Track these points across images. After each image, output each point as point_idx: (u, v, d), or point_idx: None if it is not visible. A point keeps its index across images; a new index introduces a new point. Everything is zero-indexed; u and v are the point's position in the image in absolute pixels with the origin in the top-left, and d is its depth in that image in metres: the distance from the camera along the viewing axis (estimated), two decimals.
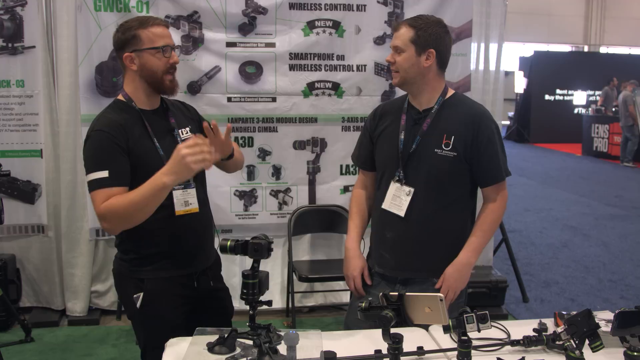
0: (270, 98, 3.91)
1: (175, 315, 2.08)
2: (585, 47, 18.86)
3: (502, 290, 4.14)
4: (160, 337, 1.94)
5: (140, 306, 2.05)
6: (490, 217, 2.17)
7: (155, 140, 2.02)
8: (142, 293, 2.04)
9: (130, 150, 1.96)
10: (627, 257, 5.68)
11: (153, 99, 2.08)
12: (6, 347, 3.35)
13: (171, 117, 2.12)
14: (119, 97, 2.09)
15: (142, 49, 1.98)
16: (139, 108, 2.04)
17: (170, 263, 2.06)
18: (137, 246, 2.06)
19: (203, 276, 2.15)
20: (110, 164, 1.91)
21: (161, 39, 1.99)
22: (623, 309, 1.66)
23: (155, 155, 1.99)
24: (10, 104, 3.72)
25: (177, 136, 2.08)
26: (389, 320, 1.58)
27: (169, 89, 2.04)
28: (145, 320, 2.10)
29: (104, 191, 1.89)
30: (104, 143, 1.94)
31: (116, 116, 2.01)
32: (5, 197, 3.62)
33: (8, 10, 3.64)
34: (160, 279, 2.05)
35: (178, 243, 2.06)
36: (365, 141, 2.33)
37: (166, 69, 2.01)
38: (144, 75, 2.01)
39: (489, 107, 2.37)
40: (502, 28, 4.23)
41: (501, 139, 2.21)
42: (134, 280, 2.06)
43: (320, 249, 4.12)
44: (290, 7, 3.84)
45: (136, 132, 2.00)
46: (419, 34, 2.07)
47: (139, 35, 1.98)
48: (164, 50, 1.99)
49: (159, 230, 2.02)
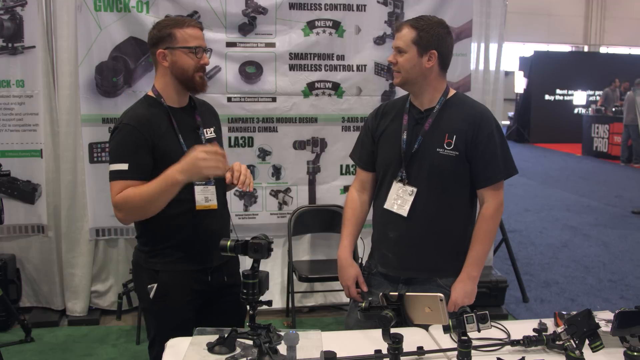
0: (270, 98, 3.91)
1: (186, 309, 2.13)
2: (585, 47, 18.86)
3: (502, 290, 4.14)
4: (169, 329, 2.03)
5: (153, 297, 2.11)
6: (485, 227, 2.15)
7: (180, 137, 2.09)
8: (156, 284, 2.10)
9: (154, 146, 2.03)
10: (627, 257, 5.68)
11: (182, 97, 2.15)
12: (6, 347, 3.35)
13: (198, 116, 2.19)
14: (149, 93, 2.16)
15: (176, 47, 2.06)
16: (167, 105, 2.11)
17: (186, 257, 2.12)
18: (155, 238, 2.12)
19: (218, 271, 2.17)
20: (131, 157, 2.00)
21: (195, 39, 2.07)
22: (623, 309, 1.66)
23: (179, 152, 2.04)
24: (10, 104, 3.73)
25: (201, 135, 2.15)
26: (389, 320, 1.58)
27: (199, 85, 2.11)
28: (157, 311, 2.15)
29: (122, 183, 1.98)
30: (128, 137, 2.02)
31: (144, 111, 2.09)
32: (5, 197, 3.62)
33: (8, 10, 3.64)
34: (175, 272, 2.11)
35: (195, 238, 2.12)
36: (366, 140, 2.32)
37: (196, 68, 2.08)
38: (175, 72, 2.08)
39: (488, 107, 2.36)
40: (502, 28, 4.23)
41: (503, 139, 2.18)
42: (149, 272, 2.12)
43: (320, 249, 4.12)
44: (290, 7, 3.84)
45: (162, 128, 2.06)
46: (421, 35, 2.07)
47: (174, 33, 2.06)
48: (196, 51, 2.07)
49: (178, 224, 2.09)
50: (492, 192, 2.15)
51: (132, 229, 3.86)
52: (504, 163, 2.15)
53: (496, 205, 2.15)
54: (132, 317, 3.86)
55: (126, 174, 1.99)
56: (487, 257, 2.25)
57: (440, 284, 2.16)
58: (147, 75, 3.77)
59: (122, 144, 2.03)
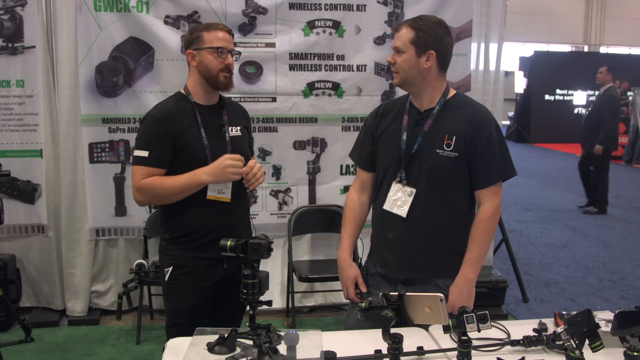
0: (270, 98, 3.91)
1: (197, 295, 2.26)
2: (585, 47, 18.84)
3: (502, 290, 4.14)
4: (181, 313, 2.26)
5: (168, 280, 2.28)
6: (483, 228, 2.13)
7: (203, 131, 2.24)
8: (171, 267, 2.27)
9: (176, 138, 2.20)
10: (627, 257, 5.68)
11: (209, 95, 2.31)
12: (6, 347, 3.34)
13: (225, 115, 2.34)
14: (181, 90, 2.34)
15: (202, 48, 2.24)
16: (194, 101, 2.28)
17: (200, 245, 2.25)
18: (174, 226, 2.29)
19: (234, 260, 2.18)
20: (152, 146, 2.19)
21: (220, 41, 2.24)
22: (623, 309, 1.65)
23: (200, 145, 2.22)
24: (10, 104, 3.73)
25: (226, 132, 2.30)
26: (389, 320, 1.58)
27: (222, 84, 2.27)
28: (170, 295, 2.32)
29: (143, 168, 2.19)
30: (151, 127, 2.22)
31: (171, 106, 2.27)
32: (5, 197, 3.62)
33: (8, 10, 3.64)
34: (189, 258, 2.26)
35: (210, 227, 2.25)
36: (366, 140, 2.31)
37: (221, 68, 2.24)
38: (201, 71, 2.26)
39: (488, 107, 2.36)
40: (502, 28, 4.23)
41: (502, 140, 2.17)
42: (167, 256, 2.30)
43: (320, 249, 4.12)
44: (290, 7, 3.85)
45: (185, 122, 2.23)
46: (419, 35, 2.07)
47: (202, 36, 2.25)
48: (220, 52, 2.23)
49: (192, 214, 2.25)
50: (490, 193, 2.14)
51: (132, 229, 3.89)
52: (503, 164, 2.14)
53: (494, 207, 2.14)
54: (132, 317, 3.86)
55: (146, 161, 2.18)
56: (486, 258, 2.25)
57: (439, 285, 2.16)
58: (147, 75, 3.77)
59: (145, 133, 2.23)
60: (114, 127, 3.79)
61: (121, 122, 3.78)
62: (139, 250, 3.90)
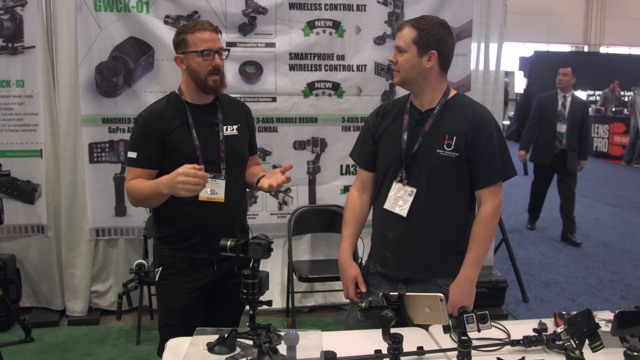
0: (270, 98, 3.91)
1: (186, 295, 2.21)
2: (585, 47, 18.84)
3: (502, 290, 4.14)
4: (171, 313, 2.22)
5: (158, 280, 2.26)
6: (483, 228, 2.14)
7: (194, 131, 2.20)
8: (160, 268, 2.25)
9: (164, 138, 2.17)
10: (627, 257, 5.68)
11: (203, 96, 2.25)
12: (6, 347, 3.35)
13: (220, 114, 2.28)
14: (175, 90, 2.30)
15: (188, 52, 2.18)
16: (186, 101, 2.24)
17: (190, 246, 2.21)
18: (163, 225, 2.27)
19: (227, 261, 2.19)
20: (140, 147, 2.18)
21: (204, 43, 2.16)
22: (623, 309, 1.65)
23: (190, 146, 2.18)
24: (10, 104, 3.73)
25: (219, 131, 2.24)
26: (389, 320, 1.58)
27: (211, 88, 2.20)
28: (160, 294, 2.30)
29: (132, 169, 2.18)
30: (140, 128, 2.21)
31: (162, 106, 2.25)
32: (5, 197, 3.62)
33: (8, 10, 3.64)
34: (178, 258, 2.22)
35: (200, 228, 2.20)
36: (367, 140, 2.32)
37: (209, 71, 2.17)
38: (190, 75, 2.20)
39: (488, 107, 2.36)
40: (502, 28, 4.23)
41: (502, 140, 2.17)
42: (158, 256, 2.29)
43: (320, 249, 4.12)
44: (290, 7, 3.85)
45: (176, 122, 2.19)
46: (421, 35, 2.07)
47: (186, 39, 2.18)
48: (206, 54, 2.15)
49: (183, 213, 2.20)
50: (490, 193, 2.14)
51: (132, 229, 3.89)
52: (503, 164, 2.14)
53: (494, 207, 2.14)
54: (132, 317, 3.86)
55: (135, 162, 2.17)
56: (486, 258, 2.25)
57: (439, 284, 2.16)
58: (147, 75, 3.77)
59: (134, 134, 2.23)
60: (114, 127, 3.79)
61: (121, 122, 3.78)
62: (138, 250, 3.89)
